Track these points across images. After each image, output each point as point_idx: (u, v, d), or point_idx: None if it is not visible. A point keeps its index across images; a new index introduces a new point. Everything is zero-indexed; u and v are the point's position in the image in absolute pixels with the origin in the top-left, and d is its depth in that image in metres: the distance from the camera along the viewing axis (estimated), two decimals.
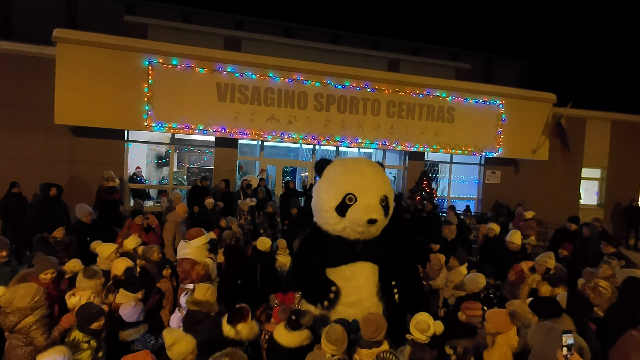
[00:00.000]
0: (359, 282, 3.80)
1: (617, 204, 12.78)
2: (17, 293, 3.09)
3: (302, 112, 9.00)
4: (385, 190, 3.93)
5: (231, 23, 14.40)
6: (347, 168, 4.02)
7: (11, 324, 3.02)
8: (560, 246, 6.37)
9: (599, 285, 4.41)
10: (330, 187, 3.91)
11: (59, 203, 6.27)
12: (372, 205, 3.73)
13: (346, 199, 3.76)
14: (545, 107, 10.93)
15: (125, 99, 8.01)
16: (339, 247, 3.89)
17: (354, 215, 3.69)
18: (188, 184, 10.42)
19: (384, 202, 3.88)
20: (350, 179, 3.85)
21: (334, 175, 3.97)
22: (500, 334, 2.96)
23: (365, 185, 3.81)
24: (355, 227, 3.73)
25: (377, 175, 3.94)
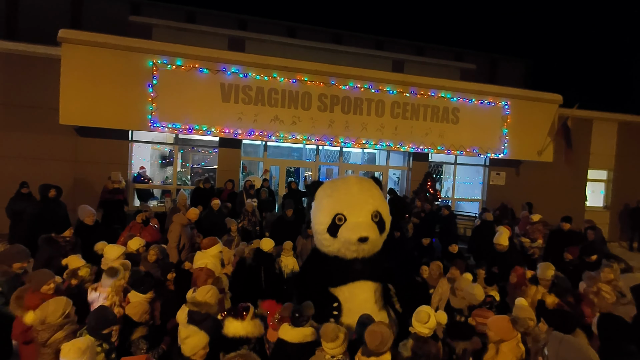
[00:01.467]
0: (358, 303, 3.76)
1: (625, 205, 12.64)
2: (47, 310, 3.12)
3: (306, 112, 8.97)
4: (375, 205, 3.90)
5: (235, 23, 14.39)
6: (335, 188, 4.06)
7: (43, 340, 3.09)
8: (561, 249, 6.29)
9: (602, 290, 4.35)
10: (321, 209, 3.97)
11: (58, 204, 6.29)
12: (362, 223, 3.73)
13: (336, 219, 3.79)
14: (551, 108, 10.83)
15: (130, 100, 8.02)
16: (337, 267, 3.90)
17: (344, 235, 3.71)
18: (192, 184, 10.45)
19: (376, 218, 3.85)
20: (338, 198, 3.90)
21: (323, 197, 4.04)
22: (504, 341, 2.92)
23: (354, 204, 3.82)
24: (349, 246, 3.75)
25: (365, 193, 3.94)
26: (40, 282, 3.60)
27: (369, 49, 13.13)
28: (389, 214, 4.07)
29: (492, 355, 2.88)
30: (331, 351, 2.78)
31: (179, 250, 5.51)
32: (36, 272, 3.77)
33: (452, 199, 11.58)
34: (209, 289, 3.37)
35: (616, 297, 4.31)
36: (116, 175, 7.86)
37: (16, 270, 3.96)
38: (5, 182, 7.59)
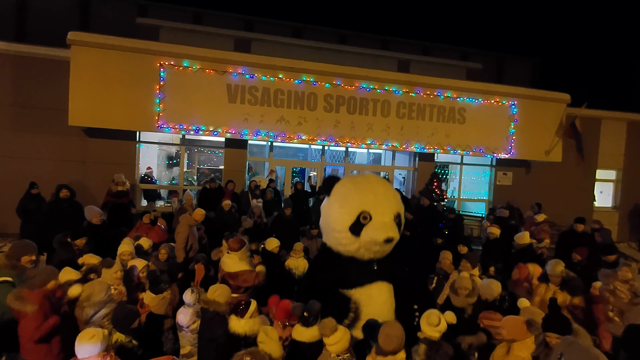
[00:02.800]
0: (378, 305, 3.64)
1: (635, 205, 12.48)
2: (94, 288, 3.55)
3: (312, 113, 8.99)
4: (398, 207, 3.88)
5: (241, 24, 14.47)
6: (359, 186, 3.89)
7: (87, 317, 3.46)
8: (572, 250, 6.24)
9: (618, 289, 4.29)
10: (343, 206, 3.76)
11: (71, 204, 6.35)
12: (387, 224, 3.62)
13: (360, 218, 3.63)
14: (559, 108, 10.72)
15: (137, 101, 8.10)
16: (353, 268, 3.75)
17: (370, 234, 3.58)
18: (198, 184, 10.50)
19: (397, 220, 3.80)
20: (363, 196, 3.74)
21: (346, 194, 3.83)
22: (516, 341, 2.91)
23: (380, 203, 3.70)
24: (372, 246, 3.63)
25: (389, 192, 3.89)
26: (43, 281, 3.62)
27: (375, 49, 13.10)
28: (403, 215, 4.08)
29: (502, 354, 2.87)
30: (333, 347, 2.78)
31: (186, 251, 5.54)
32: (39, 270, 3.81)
33: (458, 200, 11.52)
34: (218, 287, 3.40)
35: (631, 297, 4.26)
36: (119, 177, 7.71)
37: (25, 264, 3.98)
38: (15, 182, 7.70)
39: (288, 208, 7.06)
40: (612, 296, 4.30)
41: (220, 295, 3.30)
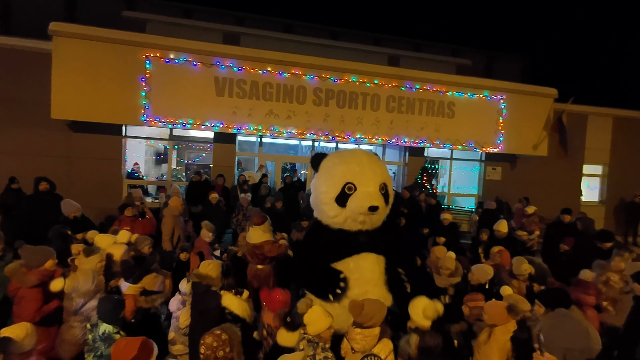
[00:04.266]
0: (364, 274, 3.77)
1: (621, 200, 12.67)
2: (78, 279, 3.51)
3: (301, 106, 8.93)
4: (383, 177, 3.93)
5: (231, 19, 14.33)
6: (344, 158, 4.03)
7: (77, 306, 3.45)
8: (559, 240, 6.32)
9: (611, 280, 4.35)
10: (328, 179, 3.90)
11: (53, 197, 6.21)
12: (372, 193, 3.72)
13: (345, 189, 3.75)
14: (547, 103, 10.83)
15: (123, 94, 7.95)
16: (341, 239, 3.86)
17: (354, 204, 3.68)
18: (187, 180, 10.38)
19: (383, 190, 3.87)
20: (348, 168, 3.86)
21: (331, 167, 3.97)
22: (497, 326, 2.91)
23: (364, 173, 3.80)
24: (357, 216, 3.72)
25: (374, 164, 3.95)
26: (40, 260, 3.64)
27: (365, 45, 13.10)
28: (391, 188, 4.11)
29: (484, 339, 2.87)
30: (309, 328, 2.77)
31: (172, 242, 5.46)
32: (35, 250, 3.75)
33: (448, 194, 11.57)
34: (210, 262, 3.50)
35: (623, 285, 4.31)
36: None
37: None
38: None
39: (279, 201, 7.07)
40: (605, 287, 4.37)
41: (212, 269, 3.38)
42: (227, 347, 2.16)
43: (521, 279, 4.33)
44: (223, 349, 2.15)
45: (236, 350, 2.22)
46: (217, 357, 2.13)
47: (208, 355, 2.15)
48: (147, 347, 2.11)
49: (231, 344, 2.18)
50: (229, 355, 2.17)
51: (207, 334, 2.19)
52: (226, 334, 2.20)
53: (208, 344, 2.15)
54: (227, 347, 2.16)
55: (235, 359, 2.20)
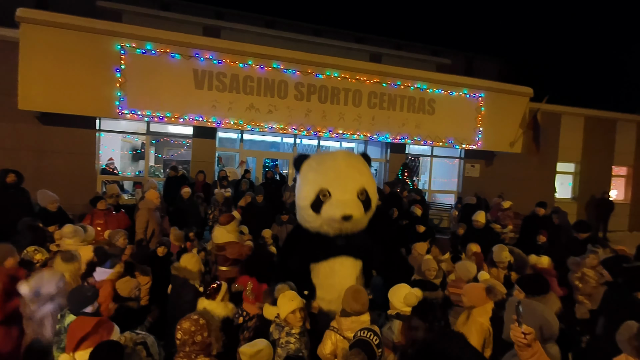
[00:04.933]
0: (339, 279, 3.65)
1: (592, 197, 13.18)
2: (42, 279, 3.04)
3: (283, 101, 8.83)
4: (362, 183, 3.75)
5: (211, 14, 14.08)
6: (321, 162, 3.92)
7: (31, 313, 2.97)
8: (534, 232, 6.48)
9: (586, 275, 4.48)
10: (305, 184, 3.82)
11: (19, 190, 5.89)
12: (347, 201, 3.58)
13: (320, 196, 3.65)
14: (523, 101, 11.14)
15: (96, 85, 7.64)
16: (318, 243, 3.80)
17: (327, 212, 3.57)
18: (164, 176, 10.10)
19: (362, 196, 3.70)
20: (324, 173, 3.75)
21: (308, 171, 3.88)
22: (475, 307, 2.93)
23: (339, 179, 3.67)
24: (332, 223, 3.62)
25: (352, 169, 3.79)
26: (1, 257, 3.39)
27: (348, 42, 13.13)
28: (376, 191, 3.94)
29: (463, 321, 2.89)
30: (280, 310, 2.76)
31: (146, 236, 5.27)
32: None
33: (428, 191, 11.71)
34: (192, 256, 3.44)
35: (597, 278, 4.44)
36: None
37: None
38: None
39: (260, 195, 6.96)
40: (581, 282, 4.49)
41: (193, 264, 3.33)
42: (205, 331, 2.10)
43: (501, 266, 4.39)
44: (201, 334, 2.08)
45: (214, 335, 2.15)
46: (194, 341, 2.06)
47: (185, 340, 2.07)
48: (105, 326, 1.99)
49: (209, 329, 2.12)
50: (207, 339, 2.10)
51: (184, 319, 2.12)
52: (204, 318, 2.13)
53: (185, 329, 2.07)
54: (205, 331, 2.10)
55: (213, 343, 2.13)
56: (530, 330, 1.80)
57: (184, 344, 2.07)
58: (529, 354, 1.82)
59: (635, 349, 1.52)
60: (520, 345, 1.82)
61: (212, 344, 2.14)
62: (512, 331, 1.84)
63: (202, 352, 2.09)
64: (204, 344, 2.09)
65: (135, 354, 1.52)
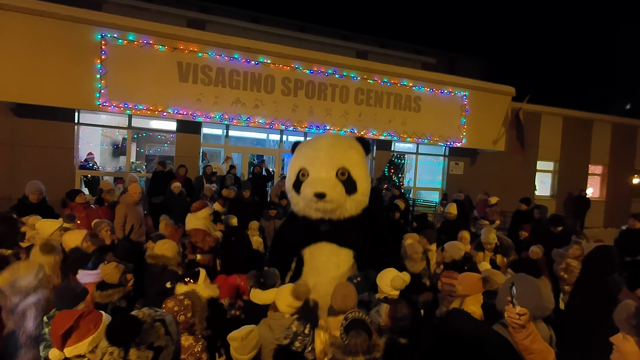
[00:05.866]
0: (317, 265, 3.59)
1: (569, 194, 13.61)
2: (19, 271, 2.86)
3: (269, 96, 8.74)
4: (343, 162, 3.61)
5: (195, 7, 13.80)
6: (307, 143, 3.98)
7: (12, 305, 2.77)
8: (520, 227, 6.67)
9: (571, 266, 4.60)
10: (290, 166, 3.89)
11: None
12: (321, 179, 3.49)
13: (300, 175, 3.66)
14: (505, 100, 11.39)
15: (75, 76, 7.37)
16: (305, 227, 3.74)
17: (303, 190, 3.53)
18: (147, 171, 9.85)
19: (343, 176, 3.57)
20: (304, 154, 3.77)
21: (295, 153, 3.96)
22: (469, 296, 2.95)
23: (317, 158, 3.61)
24: (309, 203, 3.54)
25: (334, 148, 3.70)
26: None
27: (334, 39, 13.12)
28: (364, 175, 3.75)
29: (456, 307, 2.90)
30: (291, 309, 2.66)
31: (124, 231, 5.11)
32: None
33: (414, 188, 11.84)
34: (166, 242, 3.36)
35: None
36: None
37: None
38: None
39: (247, 190, 6.88)
40: (567, 273, 4.61)
41: (168, 249, 3.25)
42: (189, 312, 2.07)
43: (487, 247, 4.48)
44: (184, 314, 2.06)
45: (198, 316, 2.11)
46: (177, 321, 2.00)
47: None
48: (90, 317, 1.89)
49: (193, 310, 2.09)
50: (190, 320, 2.08)
51: (170, 299, 2.10)
52: (189, 299, 2.09)
53: (169, 308, 2.05)
54: (189, 312, 2.07)
55: (196, 324, 2.10)
56: (524, 311, 1.81)
57: None
58: (523, 335, 1.83)
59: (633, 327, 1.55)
60: (514, 327, 1.84)
61: (196, 324, 2.13)
62: (507, 312, 1.85)
63: (185, 331, 2.09)
64: (187, 324, 2.09)
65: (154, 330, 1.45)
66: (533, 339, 1.89)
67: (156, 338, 1.51)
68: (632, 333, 1.56)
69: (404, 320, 2.66)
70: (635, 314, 1.58)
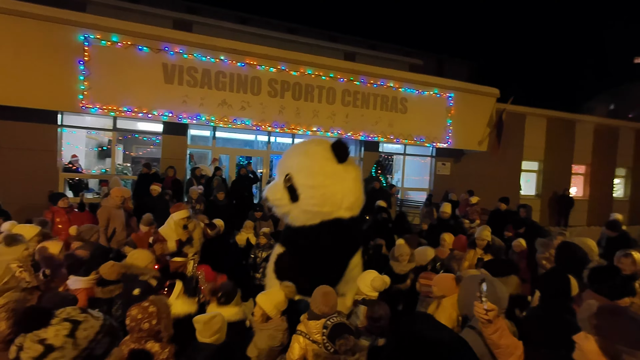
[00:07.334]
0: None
1: (553, 193, 13.88)
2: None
3: (256, 97, 8.74)
4: (289, 168, 3.63)
5: (182, 8, 13.72)
6: None
7: None
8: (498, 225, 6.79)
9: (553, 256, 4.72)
10: None
11: None
12: (273, 184, 3.76)
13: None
14: (490, 102, 11.57)
15: (57, 77, 7.27)
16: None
17: None
18: (133, 174, 9.76)
19: (287, 182, 3.58)
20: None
21: None
22: (445, 297, 3.00)
23: (278, 165, 3.93)
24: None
25: (288, 153, 3.88)
26: None
27: (322, 41, 13.16)
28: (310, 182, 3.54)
29: (433, 310, 2.96)
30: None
31: (106, 235, 5.07)
32: None
33: (401, 189, 11.94)
34: (141, 252, 3.34)
35: None
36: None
37: None
38: None
39: (220, 192, 6.88)
40: (549, 262, 4.72)
41: (138, 259, 3.23)
42: (154, 319, 2.05)
43: (480, 244, 4.59)
44: (149, 321, 2.05)
45: (164, 322, 2.09)
46: (141, 329, 2.02)
47: (132, 327, 2.05)
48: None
49: (159, 316, 2.07)
50: (155, 327, 2.06)
51: (134, 306, 2.08)
52: (154, 306, 2.08)
53: (132, 316, 2.04)
54: (154, 319, 2.05)
55: (162, 331, 2.08)
56: (492, 307, 1.87)
57: (131, 330, 2.08)
58: (491, 330, 1.90)
59: (594, 327, 1.61)
60: (483, 322, 1.90)
61: (162, 331, 2.11)
62: (476, 308, 1.91)
63: (151, 338, 2.08)
64: (152, 331, 2.08)
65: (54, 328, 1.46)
66: (501, 334, 1.95)
67: (52, 336, 1.50)
68: (592, 332, 1.62)
69: (381, 320, 2.69)
70: (596, 315, 1.64)
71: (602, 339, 1.56)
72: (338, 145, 3.66)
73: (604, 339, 1.56)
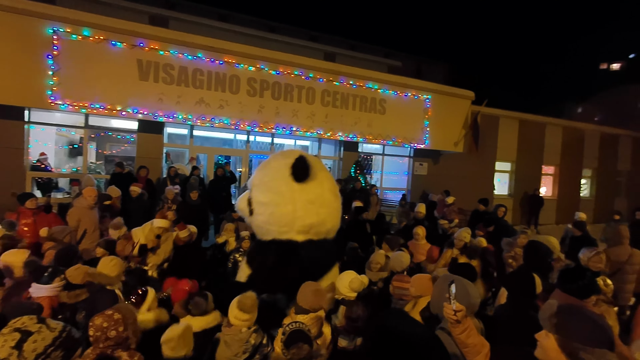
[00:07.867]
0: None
1: (525, 193, 14.42)
2: None
3: (234, 96, 8.63)
4: (252, 180, 3.73)
5: (159, 2, 13.36)
6: None
7: None
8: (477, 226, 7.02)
9: (518, 254, 4.90)
10: None
11: None
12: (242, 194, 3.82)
13: None
14: (465, 104, 11.89)
15: (24, 72, 6.94)
16: None
17: None
18: (106, 173, 9.44)
19: (247, 195, 3.70)
20: None
21: None
22: (422, 297, 3.07)
23: None
24: None
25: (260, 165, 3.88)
26: None
27: (302, 40, 13.14)
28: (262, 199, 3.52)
29: (409, 308, 3.02)
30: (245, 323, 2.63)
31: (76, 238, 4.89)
32: None
33: (380, 189, 12.09)
34: (111, 259, 3.17)
35: None
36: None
37: None
38: None
39: (194, 191, 6.75)
40: (514, 261, 4.91)
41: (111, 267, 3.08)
42: (121, 326, 1.98)
43: (457, 245, 4.72)
44: (115, 329, 1.97)
45: (131, 329, 2.03)
46: (108, 337, 1.95)
47: (98, 337, 1.96)
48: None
49: (125, 323, 2.00)
50: (123, 334, 1.99)
51: (97, 316, 2.00)
52: (119, 313, 2.01)
53: (97, 325, 1.96)
54: (121, 326, 1.98)
55: (130, 337, 2.02)
56: (461, 307, 1.94)
57: (96, 340, 1.97)
58: (459, 330, 1.97)
59: (554, 326, 1.69)
60: (451, 322, 1.96)
61: (130, 337, 2.04)
62: (445, 308, 1.97)
63: (119, 346, 2.00)
64: (120, 339, 2.00)
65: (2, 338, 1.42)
66: (468, 334, 2.03)
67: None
68: (552, 331, 1.70)
69: (359, 321, 2.74)
70: (556, 314, 1.72)
71: (561, 337, 1.65)
72: (297, 163, 3.44)
73: (562, 337, 1.65)
